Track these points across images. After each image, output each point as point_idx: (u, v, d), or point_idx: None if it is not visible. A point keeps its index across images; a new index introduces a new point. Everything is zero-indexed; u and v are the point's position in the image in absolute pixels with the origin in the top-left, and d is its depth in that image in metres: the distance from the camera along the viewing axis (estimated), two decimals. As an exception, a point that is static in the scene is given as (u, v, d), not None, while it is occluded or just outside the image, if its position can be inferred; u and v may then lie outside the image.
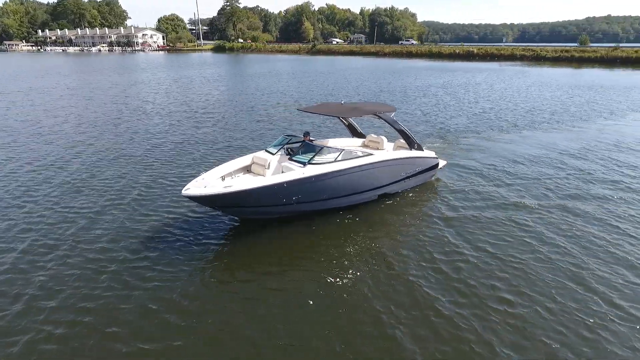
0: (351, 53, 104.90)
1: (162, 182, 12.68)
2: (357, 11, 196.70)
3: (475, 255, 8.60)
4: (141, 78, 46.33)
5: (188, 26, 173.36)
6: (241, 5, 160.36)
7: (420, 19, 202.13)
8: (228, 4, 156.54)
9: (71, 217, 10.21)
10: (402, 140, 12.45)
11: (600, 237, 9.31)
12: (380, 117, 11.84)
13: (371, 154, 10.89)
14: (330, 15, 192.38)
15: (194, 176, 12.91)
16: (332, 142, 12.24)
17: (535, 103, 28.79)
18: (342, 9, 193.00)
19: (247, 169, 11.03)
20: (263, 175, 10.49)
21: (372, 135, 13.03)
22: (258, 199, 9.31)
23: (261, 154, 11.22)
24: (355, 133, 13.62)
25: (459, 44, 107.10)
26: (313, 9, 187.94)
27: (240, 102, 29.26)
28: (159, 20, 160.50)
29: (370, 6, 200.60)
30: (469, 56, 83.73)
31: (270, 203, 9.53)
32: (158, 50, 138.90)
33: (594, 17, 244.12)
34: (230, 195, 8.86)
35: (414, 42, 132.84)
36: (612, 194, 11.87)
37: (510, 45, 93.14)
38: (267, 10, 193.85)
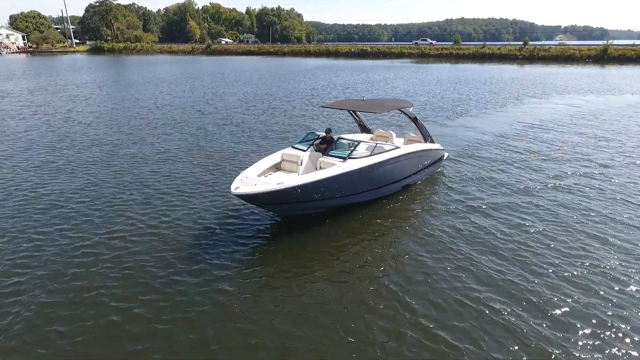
0: (249, 53, 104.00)
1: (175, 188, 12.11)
2: (244, 10, 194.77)
3: (506, 240, 9.70)
4: (33, 85, 40.22)
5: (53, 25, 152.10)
6: (115, 2, 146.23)
7: (304, 19, 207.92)
8: (99, 0, 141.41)
9: (117, 221, 9.41)
10: (412, 134, 13.67)
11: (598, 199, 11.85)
12: (402, 112, 12.90)
13: (398, 147, 11.57)
14: (215, 14, 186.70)
15: (196, 181, 12.78)
16: (346, 137, 12.90)
17: (455, 94, 32.91)
18: (228, 8, 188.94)
19: (276, 167, 11.05)
20: (296, 172, 10.73)
21: (380, 130, 13.98)
22: (307, 194, 9.44)
23: (290, 151, 11.30)
24: (364, 129, 14.51)
25: (352, 43, 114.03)
26: (197, 7, 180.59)
27: (184, 105, 27.77)
28: (13, 18, 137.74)
29: (256, 5, 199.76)
30: (364, 54, 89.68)
31: (317, 197, 9.72)
32: (19, 52, 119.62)
33: (451, 19, 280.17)
34: (284, 191, 8.94)
35: (433, 41, 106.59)
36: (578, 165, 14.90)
37: (399, 44, 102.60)
38: (146, 8, 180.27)
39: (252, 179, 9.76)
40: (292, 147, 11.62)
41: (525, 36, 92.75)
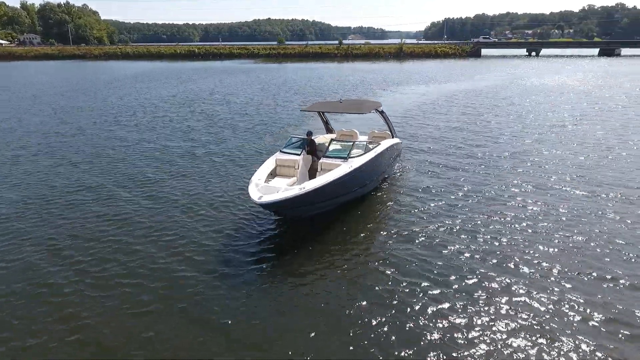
0: (47, 57, 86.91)
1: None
2: (18, 5, 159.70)
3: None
4: None
5: None
6: None
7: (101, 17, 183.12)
8: None
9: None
10: (376, 131, 14.68)
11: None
12: (377, 111, 13.72)
13: (379, 144, 12.30)
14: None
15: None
16: (319, 139, 13.13)
17: (341, 87, 35.15)
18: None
19: (271, 174, 10.99)
20: (294, 176, 10.94)
21: (343, 129, 14.52)
22: (326, 194, 9.77)
23: (283, 156, 11.32)
24: (327, 129, 14.76)
25: (172, 44, 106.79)
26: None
27: (33, 127, 22.05)
28: None
29: (33, 0, 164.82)
30: (191, 56, 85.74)
31: (332, 197, 10.09)
32: None
33: (259, 20, 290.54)
34: (310, 194, 9.13)
35: (494, 39, 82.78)
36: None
37: (227, 44, 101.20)
38: None
39: (271, 187, 9.76)
40: (282, 151, 11.56)
41: (324, 36, 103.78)
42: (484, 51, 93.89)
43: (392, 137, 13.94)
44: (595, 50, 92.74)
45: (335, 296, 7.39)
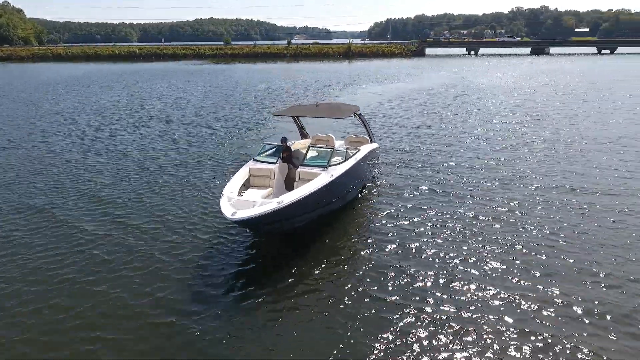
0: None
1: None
2: None
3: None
4: None
5: None
6: None
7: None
8: None
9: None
10: (353, 136, 14.09)
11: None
12: (356, 114, 13.11)
13: (359, 150, 11.65)
14: None
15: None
16: (294, 145, 12.32)
17: (297, 87, 34.16)
18: None
19: (245, 185, 10.23)
20: (269, 187, 10.27)
21: (318, 134, 13.75)
22: (306, 207, 9.09)
23: (257, 165, 10.60)
24: (302, 134, 13.95)
25: (109, 44, 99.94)
26: None
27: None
28: None
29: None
30: (132, 57, 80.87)
31: (312, 209, 9.40)
32: None
33: (202, 19, 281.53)
34: (289, 207, 8.43)
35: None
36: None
37: (171, 45, 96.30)
38: None
39: (245, 200, 9.00)
40: (255, 160, 10.80)
41: (270, 36, 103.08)
42: (427, 50, 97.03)
43: (371, 142, 13.39)
44: (528, 50, 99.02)
45: (324, 327, 6.70)
